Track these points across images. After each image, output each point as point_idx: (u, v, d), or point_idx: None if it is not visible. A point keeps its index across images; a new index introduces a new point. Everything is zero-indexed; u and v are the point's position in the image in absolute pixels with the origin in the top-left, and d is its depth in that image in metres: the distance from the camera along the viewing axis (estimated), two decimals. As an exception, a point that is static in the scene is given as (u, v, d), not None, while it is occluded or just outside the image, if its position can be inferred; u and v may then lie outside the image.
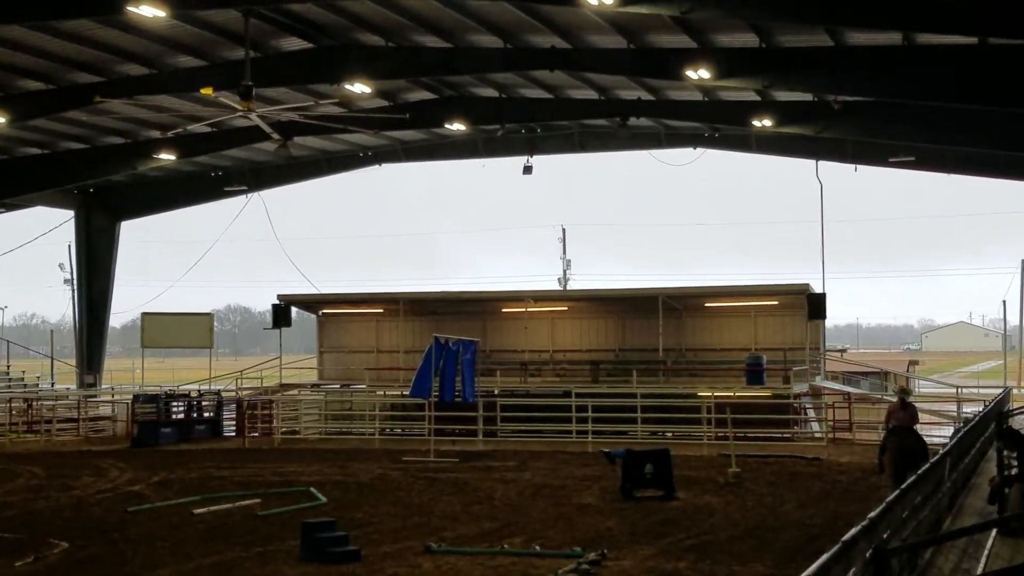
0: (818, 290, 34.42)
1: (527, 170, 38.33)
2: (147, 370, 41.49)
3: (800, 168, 51.93)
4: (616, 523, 17.95)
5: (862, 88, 26.48)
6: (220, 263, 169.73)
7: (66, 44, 26.44)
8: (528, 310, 37.73)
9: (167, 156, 36.08)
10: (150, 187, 43.28)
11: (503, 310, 38.90)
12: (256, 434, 34.35)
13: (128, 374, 54.06)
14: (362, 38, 27.33)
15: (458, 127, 34.93)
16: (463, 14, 25.01)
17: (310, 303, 41.77)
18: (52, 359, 47.92)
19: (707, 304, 36.66)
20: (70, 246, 46.41)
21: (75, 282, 45.85)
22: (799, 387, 32.70)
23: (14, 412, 36.36)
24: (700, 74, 25.50)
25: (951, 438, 17.79)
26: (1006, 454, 14.71)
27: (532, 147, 38.23)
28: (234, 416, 36.30)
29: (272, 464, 26.79)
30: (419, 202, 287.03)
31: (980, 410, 23.42)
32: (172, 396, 36.35)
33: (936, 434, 26.85)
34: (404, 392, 31.64)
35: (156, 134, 34.78)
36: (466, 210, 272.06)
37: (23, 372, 46.05)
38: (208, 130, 32.76)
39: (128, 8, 22.28)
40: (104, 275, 44.25)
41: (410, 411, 33.95)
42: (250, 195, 42.60)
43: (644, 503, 20.00)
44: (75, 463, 27.53)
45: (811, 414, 34.18)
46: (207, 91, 23.78)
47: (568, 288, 63.26)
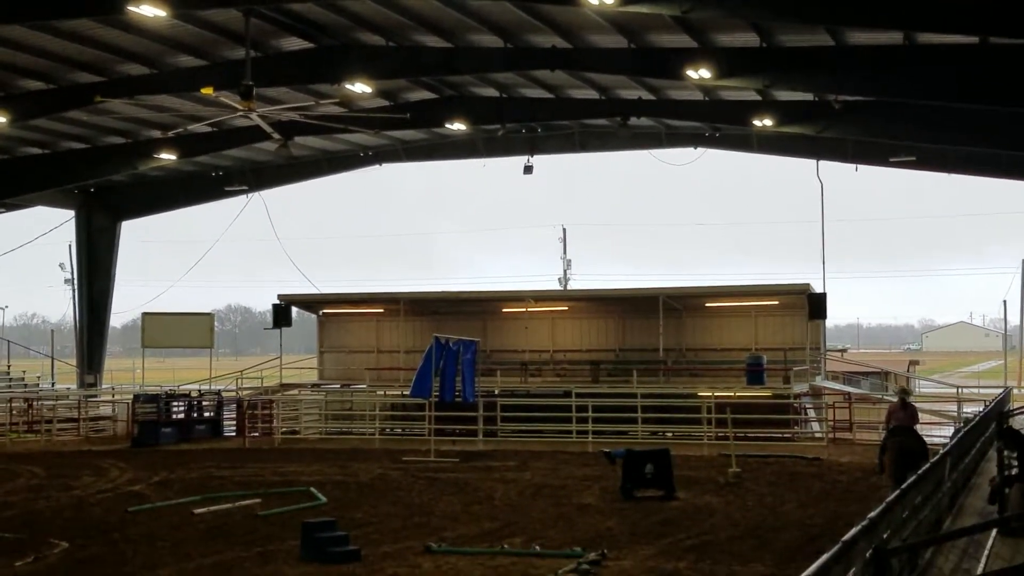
0: (818, 290, 34.44)
1: (527, 170, 38.35)
2: (147, 370, 41.49)
3: (801, 168, 51.88)
4: (616, 523, 17.94)
5: (863, 88, 26.46)
6: (220, 263, 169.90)
7: (67, 44, 26.45)
8: (528, 310, 37.72)
9: (168, 156, 36.11)
10: (151, 187, 43.29)
11: (503, 310, 38.89)
12: (256, 434, 34.36)
13: (128, 374, 54.11)
14: (363, 38, 27.34)
15: (458, 127, 34.94)
16: (464, 14, 25.01)
17: (310, 303, 41.78)
18: (52, 359, 47.88)
19: (707, 304, 36.66)
20: (71, 246, 46.40)
21: (75, 282, 45.81)
22: (799, 387, 32.69)
23: (14, 412, 36.40)
24: (701, 74, 25.50)
25: (951, 438, 17.78)
26: (1006, 454, 14.72)
27: (533, 147, 38.25)
28: (234, 416, 36.31)
29: (272, 464, 26.80)
30: (420, 202, 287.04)
31: (980, 410, 23.40)
32: (172, 396, 36.36)
33: (936, 434, 26.85)
34: (404, 392, 31.63)
35: (157, 134, 34.80)
36: (466, 210, 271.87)
37: (23, 372, 46.04)
38: (209, 130, 32.79)
39: (129, 8, 22.30)
40: (104, 275, 44.27)
41: (410, 411, 33.94)
42: (250, 195, 42.62)
43: (644, 503, 20.00)
44: (75, 463, 27.54)
45: (811, 414, 34.16)
46: (208, 91, 23.80)
47: (568, 288, 63.20)
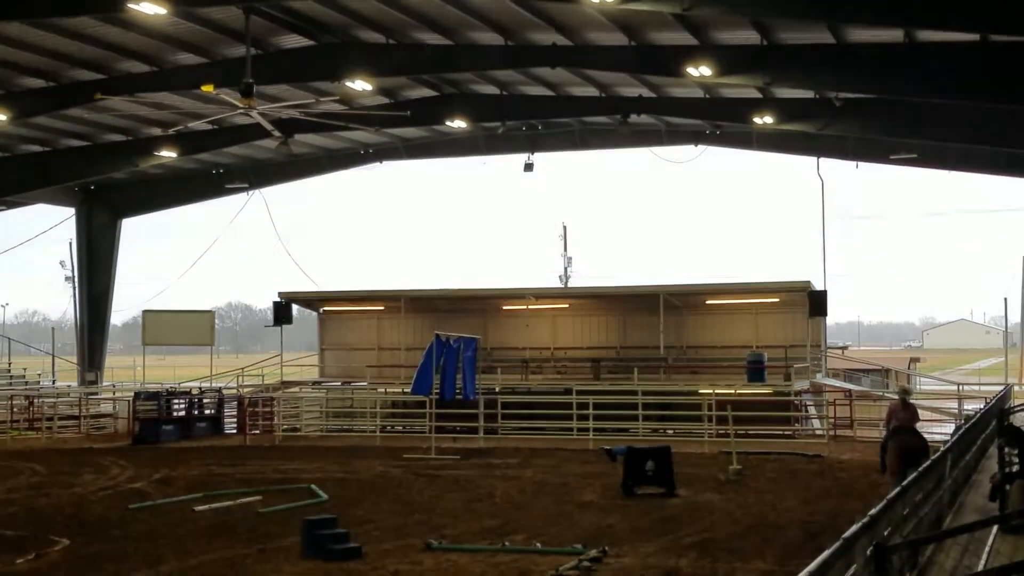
0: (819, 287, 34.43)
1: (528, 167, 38.35)
2: (148, 367, 41.45)
3: (801, 165, 51.89)
4: (617, 520, 17.94)
5: (863, 85, 26.45)
6: (221, 260, 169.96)
7: (67, 41, 26.47)
8: (529, 307, 37.70)
9: (168, 153, 36.12)
10: (151, 184, 43.30)
11: (504, 307, 38.88)
12: (257, 431, 34.37)
13: (129, 371, 54.06)
14: (363, 35, 27.34)
15: (459, 124, 34.95)
16: (464, 11, 25.02)
17: (311, 300, 41.78)
18: (53, 356, 47.86)
19: (708, 301, 36.65)
20: (71, 243, 46.46)
21: (76, 279, 45.82)
22: (800, 384, 32.68)
23: (15, 409, 36.43)
24: (701, 71, 25.51)
25: (952, 435, 17.79)
26: (1007, 451, 14.73)
27: (533, 144, 38.27)
28: (235, 413, 36.31)
29: (273, 461, 26.82)
30: (420, 199, 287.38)
31: (981, 407, 23.41)
32: (173, 393, 36.40)
33: (937, 431, 26.84)
34: (405, 389, 31.62)
35: (157, 131, 34.80)
36: (467, 207, 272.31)
37: (24, 369, 46.09)
38: (209, 127, 32.84)
39: (129, 5, 22.32)
40: (105, 272, 44.28)
41: (411, 408, 33.95)
42: (251, 192, 42.64)
43: (645, 500, 20.02)
44: (76, 460, 27.56)
45: (812, 411, 34.13)
46: (208, 88, 23.79)
47: (569, 285, 63.17)
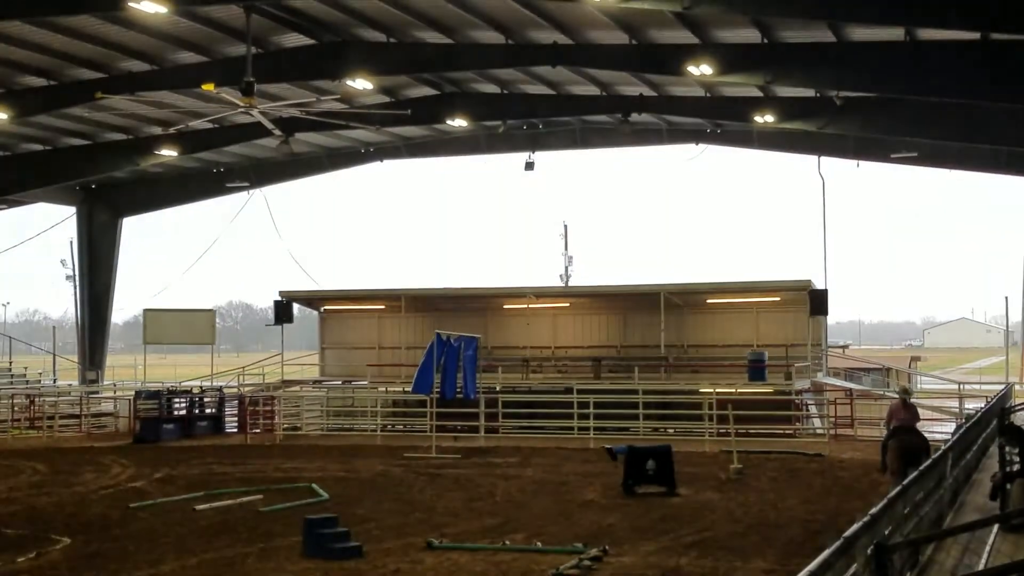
0: (820, 286, 34.42)
1: (529, 166, 38.36)
2: (149, 366, 41.39)
3: (802, 164, 51.80)
4: (618, 519, 17.95)
5: (864, 84, 26.45)
6: (222, 259, 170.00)
7: (68, 40, 26.47)
8: (530, 306, 37.69)
9: (169, 152, 36.13)
10: (152, 183, 43.30)
11: (505, 306, 38.87)
12: (258, 430, 34.35)
13: (130, 370, 54.09)
14: (363, 34, 27.34)
15: (460, 123, 34.93)
16: (464, 10, 25.01)
17: (312, 299, 41.78)
18: (54, 355, 47.83)
19: (709, 300, 36.64)
20: (72, 242, 46.46)
21: (77, 278, 45.82)
22: (801, 383, 32.66)
23: (16, 408, 36.42)
24: (702, 70, 25.49)
25: (953, 434, 17.77)
26: (1008, 450, 14.72)
27: (534, 143, 38.27)
28: (236, 412, 36.30)
29: (274, 460, 26.82)
30: (421, 198, 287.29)
31: (982, 406, 23.39)
32: (174, 392, 36.38)
33: (938, 430, 26.82)
34: (406, 388, 31.62)
35: (158, 130, 34.80)
36: (468, 206, 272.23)
37: (25, 368, 46.06)
38: (210, 126, 32.85)
39: (130, 4, 22.33)
40: (106, 271, 44.29)
41: (412, 407, 33.95)
42: (252, 191, 42.64)
43: (646, 499, 20.02)
44: (77, 459, 27.56)
45: (813, 410, 34.11)
46: (209, 87, 23.80)
47: (570, 284, 63.15)
